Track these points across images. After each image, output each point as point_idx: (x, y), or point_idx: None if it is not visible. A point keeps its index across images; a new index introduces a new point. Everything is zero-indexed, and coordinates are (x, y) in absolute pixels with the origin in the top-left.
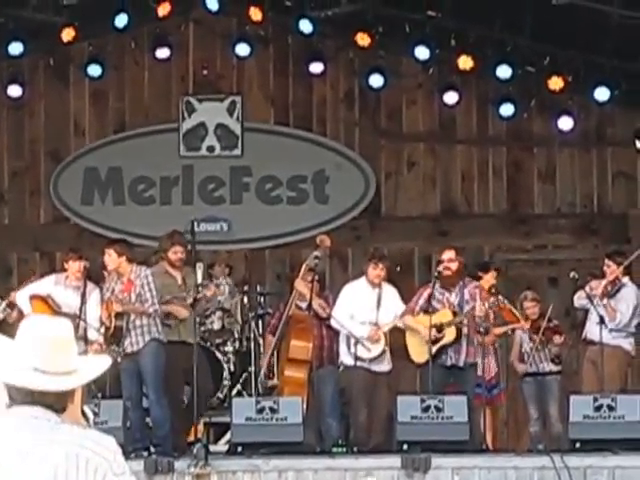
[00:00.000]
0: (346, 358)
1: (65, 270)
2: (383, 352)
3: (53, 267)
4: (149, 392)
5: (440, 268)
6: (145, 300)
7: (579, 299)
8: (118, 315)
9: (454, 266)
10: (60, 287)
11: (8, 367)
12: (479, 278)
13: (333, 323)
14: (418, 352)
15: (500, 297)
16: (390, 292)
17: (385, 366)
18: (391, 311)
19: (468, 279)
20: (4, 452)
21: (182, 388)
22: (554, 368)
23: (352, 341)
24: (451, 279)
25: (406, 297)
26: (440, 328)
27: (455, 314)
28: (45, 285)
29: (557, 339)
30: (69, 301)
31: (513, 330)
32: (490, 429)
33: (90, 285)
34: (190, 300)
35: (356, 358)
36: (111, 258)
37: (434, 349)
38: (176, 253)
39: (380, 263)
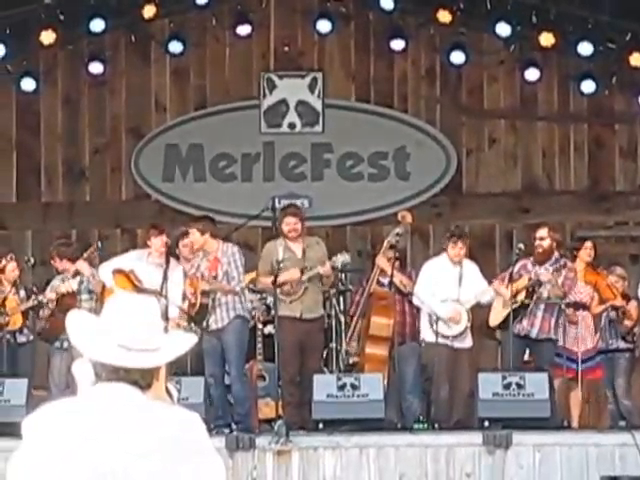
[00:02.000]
0: (428, 335)
1: (147, 246)
2: (465, 329)
3: (134, 244)
4: (231, 369)
5: (536, 244)
6: (232, 278)
7: None
8: (204, 292)
9: (545, 244)
10: (142, 263)
11: (94, 344)
12: (574, 256)
13: (415, 300)
14: (495, 315)
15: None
16: (471, 269)
17: (467, 343)
18: (473, 288)
19: (564, 258)
20: (74, 436)
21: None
22: (624, 345)
23: (434, 318)
24: (542, 256)
25: (487, 273)
26: (517, 293)
27: (530, 280)
28: (128, 260)
29: (627, 324)
30: (151, 277)
31: (617, 310)
32: (577, 405)
33: (173, 262)
34: (306, 277)
35: (438, 335)
36: (195, 237)
37: (506, 312)
38: (288, 225)
39: (459, 241)
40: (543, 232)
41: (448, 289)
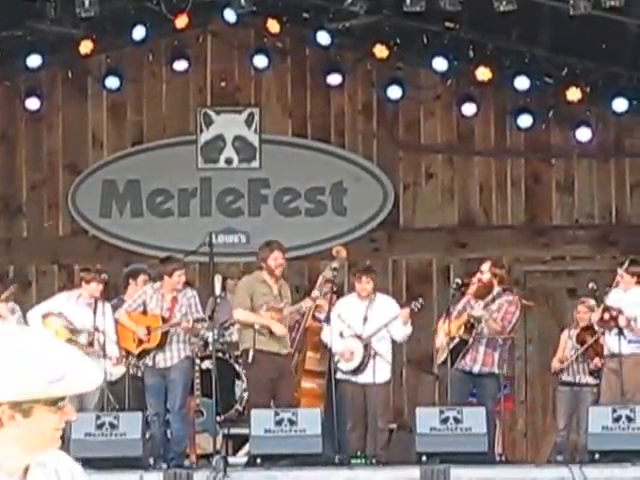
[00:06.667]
0: (338, 372)
1: (79, 286)
2: (361, 364)
3: (72, 280)
4: (174, 406)
5: (477, 278)
6: (191, 314)
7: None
8: (164, 335)
9: (484, 277)
10: (72, 304)
11: None
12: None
13: (322, 338)
14: (440, 353)
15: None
16: (383, 303)
17: (378, 377)
18: (380, 321)
19: (504, 292)
20: None
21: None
22: (591, 381)
23: (334, 355)
24: (480, 290)
25: (424, 308)
26: (457, 329)
27: (469, 316)
28: (57, 303)
29: (597, 362)
30: (84, 318)
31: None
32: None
33: (100, 301)
34: (286, 312)
35: (337, 371)
36: (182, 278)
37: (447, 350)
38: (276, 259)
39: (364, 276)
40: (485, 266)
41: (353, 326)
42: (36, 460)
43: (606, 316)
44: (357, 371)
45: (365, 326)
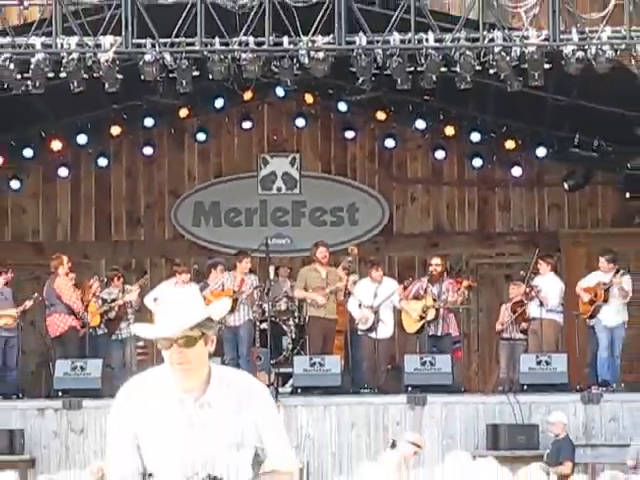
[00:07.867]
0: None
1: (174, 276)
2: (373, 325)
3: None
4: (242, 354)
5: (430, 269)
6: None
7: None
8: (235, 301)
9: (439, 269)
10: (172, 289)
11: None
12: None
13: (347, 308)
14: (408, 325)
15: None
16: (389, 284)
17: (382, 334)
18: (385, 296)
19: (447, 277)
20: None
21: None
22: (522, 336)
23: (355, 319)
24: (436, 277)
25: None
26: (425, 309)
27: (434, 300)
28: (163, 290)
29: (524, 325)
30: None
31: (519, 315)
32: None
33: (193, 284)
34: (328, 290)
35: (361, 330)
36: (248, 264)
37: (419, 325)
38: (322, 253)
39: (379, 267)
40: (437, 260)
41: (367, 299)
42: (219, 381)
43: (527, 290)
44: (369, 330)
45: (375, 300)
